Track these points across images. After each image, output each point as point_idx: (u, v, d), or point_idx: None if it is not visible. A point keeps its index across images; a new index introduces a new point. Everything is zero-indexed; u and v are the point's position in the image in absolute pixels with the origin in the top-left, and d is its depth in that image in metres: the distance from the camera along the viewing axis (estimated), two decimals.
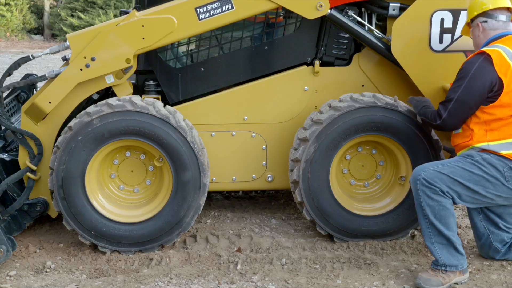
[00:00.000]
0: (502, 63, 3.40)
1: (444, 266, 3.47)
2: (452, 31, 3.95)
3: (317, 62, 4.15)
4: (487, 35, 3.60)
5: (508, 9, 3.61)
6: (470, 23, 3.69)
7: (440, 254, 3.46)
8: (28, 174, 3.97)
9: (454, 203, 3.45)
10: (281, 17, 4.32)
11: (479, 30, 3.62)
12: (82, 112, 3.84)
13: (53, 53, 4.17)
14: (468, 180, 3.40)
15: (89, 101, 4.27)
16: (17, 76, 7.70)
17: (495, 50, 3.44)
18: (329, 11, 3.98)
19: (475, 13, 3.60)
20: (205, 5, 3.90)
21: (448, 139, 3.87)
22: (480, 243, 3.80)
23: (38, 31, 19.57)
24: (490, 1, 3.59)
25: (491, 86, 3.40)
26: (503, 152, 3.41)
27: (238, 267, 3.76)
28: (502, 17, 3.58)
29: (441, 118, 3.54)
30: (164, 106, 3.95)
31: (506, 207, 3.66)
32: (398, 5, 4.04)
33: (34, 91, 5.03)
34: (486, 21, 3.58)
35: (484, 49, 3.49)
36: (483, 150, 3.46)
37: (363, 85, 4.21)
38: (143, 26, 3.89)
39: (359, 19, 4.11)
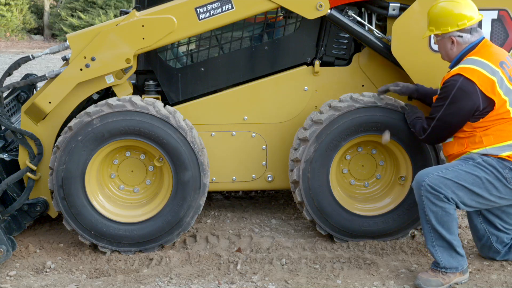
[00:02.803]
0: (485, 82, 3.34)
1: (444, 268, 3.46)
2: None
3: (317, 62, 4.15)
4: (461, 48, 3.53)
5: None
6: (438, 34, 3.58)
7: (441, 257, 3.46)
8: (28, 174, 3.97)
9: (458, 208, 3.44)
10: (281, 17, 4.32)
11: (452, 44, 3.54)
12: (82, 112, 3.84)
13: (53, 53, 4.16)
14: (472, 184, 3.38)
15: (89, 101, 4.28)
16: (17, 76, 7.71)
17: (474, 69, 3.37)
18: (329, 11, 3.98)
19: (450, 29, 3.50)
20: (205, 5, 3.90)
21: None
22: (480, 244, 3.79)
23: (38, 31, 19.55)
24: (465, 17, 3.49)
25: (473, 109, 3.37)
26: (503, 154, 3.39)
27: (238, 267, 3.76)
28: (475, 28, 3.52)
29: (425, 133, 3.57)
30: (164, 106, 3.95)
31: (504, 207, 3.65)
32: (398, 5, 4.04)
33: (34, 91, 5.03)
34: (461, 36, 3.50)
35: (462, 68, 3.40)
36: (483, 154, 3.45)
37: (363, 85, 4.21)
38: (143, 26, 3.89)
39: (359, 19, 4.11)
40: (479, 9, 3.90)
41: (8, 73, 4.08)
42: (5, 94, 4.63)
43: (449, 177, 3.38)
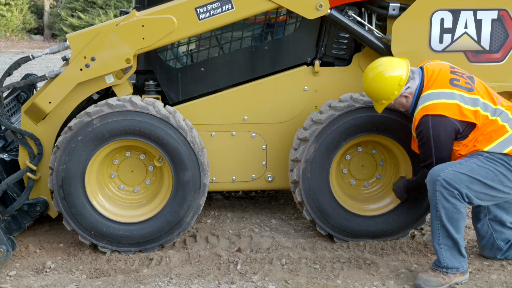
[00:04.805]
0: (451, 109, 3.39)
1: (446, 268, 3.46)
2: (452, 31, 3.95)
3: (317, 62, 4.15)
4: (412, 94, 3.56)
5: None
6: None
7: (445, 256, 3.46)
8: (28, 174, 3.97)
9: (471, 203, 3.44)
10: (281, 17, 4.32)
11: (405, 98, 3.58)
12: (82, 112, 3.84)
13: (53, 53, 4.17)
14: (485, 177, 3.39)
15: (89, 101, 4.28)
16: (17, 76, 7.70)
17: (434, 104, 3.42)
18: (329, 11, 3.98)
19: (397, 93, 3.53)
20: (205, 5, 3.90)
21: None
22: (483, 243, 3.79)
23: (38, 31, 19.55)
24: (402, 69, 3.53)
25: (456, 132, 3.43)
26: (505, 151, 3.41)
27: (238, 267, 3.76)
28: (411, 72, 3.56)
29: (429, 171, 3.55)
30: (164, 106, 3.95)
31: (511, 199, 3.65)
32: (398, 5, 4.04)
33: (34, 91, 5.03)
34: (408, 87, 3.54)
35: (424, 108, 3.44)
36: None
37: None
38: (143, 26, 3.89)
39: (359, 19, 4.11)
40: (479, 9, 3.92)
41: (8, 73, 4.08)
42: (5, 94, 4.62)
43: (463, 171, 3.38)
